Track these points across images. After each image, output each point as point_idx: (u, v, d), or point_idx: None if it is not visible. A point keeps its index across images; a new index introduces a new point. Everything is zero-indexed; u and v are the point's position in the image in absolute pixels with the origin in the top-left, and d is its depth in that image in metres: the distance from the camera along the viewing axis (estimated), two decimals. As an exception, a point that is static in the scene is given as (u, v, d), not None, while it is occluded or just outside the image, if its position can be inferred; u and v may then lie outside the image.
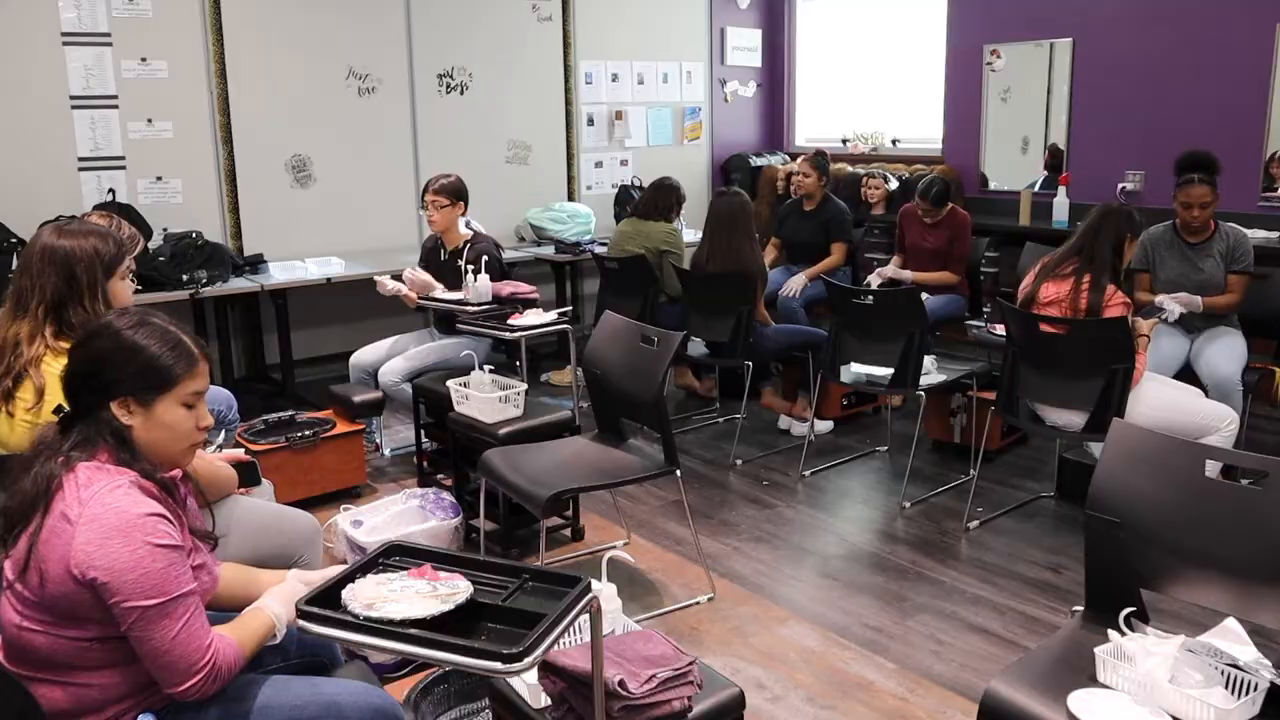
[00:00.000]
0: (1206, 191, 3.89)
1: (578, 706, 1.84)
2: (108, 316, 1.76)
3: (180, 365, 1.71)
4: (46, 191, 4.89)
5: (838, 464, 4.46)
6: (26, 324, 2.26)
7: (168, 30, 5.16)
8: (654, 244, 5.05)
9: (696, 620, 3.13)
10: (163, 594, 1.56)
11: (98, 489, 1.59)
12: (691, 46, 7.25)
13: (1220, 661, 1.77)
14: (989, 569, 3.44)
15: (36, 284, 2.28)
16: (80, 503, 1.58)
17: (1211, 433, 3.33)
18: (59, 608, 1.58)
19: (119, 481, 1.62)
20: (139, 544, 1.56)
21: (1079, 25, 5.77)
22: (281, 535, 2.46)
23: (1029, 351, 3.51)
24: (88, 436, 1.66)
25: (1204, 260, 3.98)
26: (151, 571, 1.55)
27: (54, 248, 2.30)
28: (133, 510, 1.58)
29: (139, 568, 1.55)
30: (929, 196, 4.98)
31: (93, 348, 1.70)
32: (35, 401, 2.19)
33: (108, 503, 1.58)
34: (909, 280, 5.01)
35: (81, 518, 1.56)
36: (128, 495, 1.60)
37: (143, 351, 1.69)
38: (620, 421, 3.41)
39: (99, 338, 1.71)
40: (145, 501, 1.61)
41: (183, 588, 1.59)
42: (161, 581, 1.56)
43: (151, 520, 1.59)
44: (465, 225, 4.49)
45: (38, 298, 2.27)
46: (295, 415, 4.13)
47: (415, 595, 1.64)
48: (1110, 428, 2.09)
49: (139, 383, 1.68)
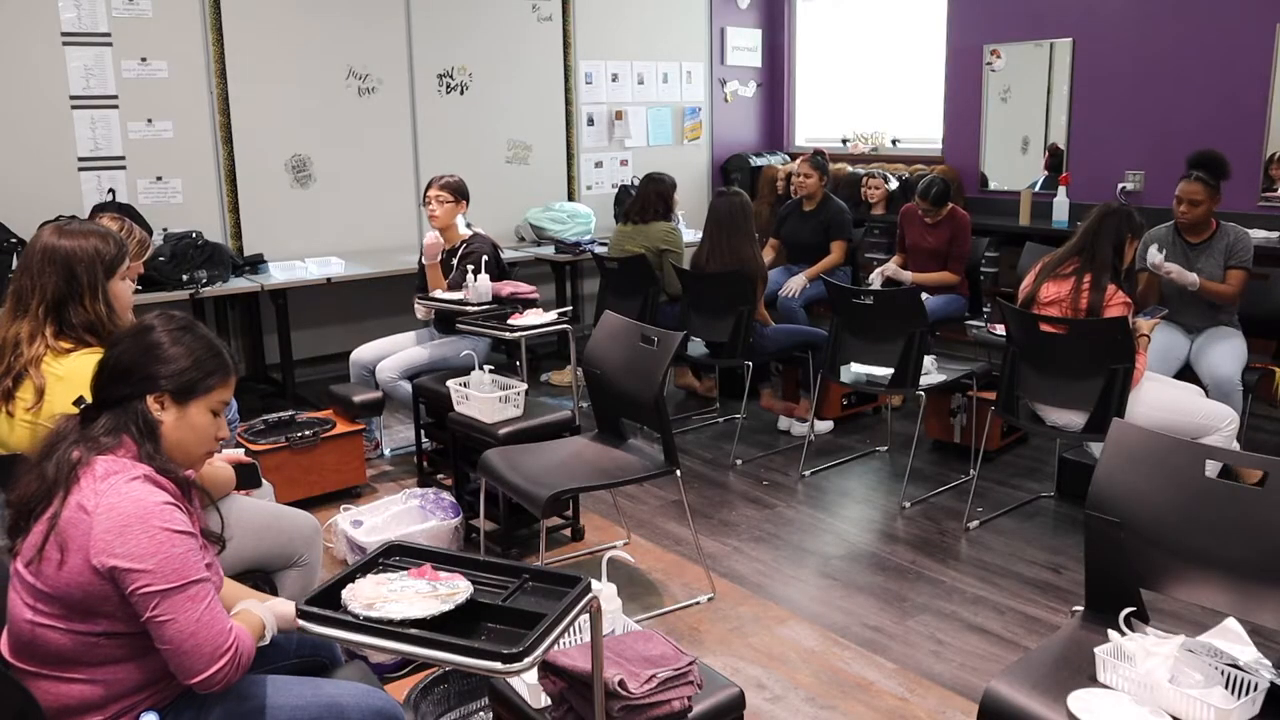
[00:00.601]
0: (1198, 189, 3.90)
1: (578, 706, 1.84)
2: (154, 316, 1.81)
3: (218, 373, 1.79)
4: (46, 191, 4.89)
5: (838, 464, 4.46)
6: (27, 323, 2.26)
7: (168, 30, 5.16)
8: (654, 243, 5.05)
9: (696, 620, 3.13)
10: (183, 576, 1.58)
11: (114, 480, 1.62)
12: (691, 46, 7.25)
13: (1220, 661, 1.77)
14: (989, 569, 3.44)
15: (37, 284, 2.27)
16: (97, 494, 1.60)
17: (1211, 432, 3.33)
18: (72, 599, 1.58)
19: (135, 473, 1.65)
20: (156, 530, 1.58)
21: (1079, 25, 5.78)
22: (281, 535, 2.46)
23: (1029, 351, 3.51)
24: (114, 427, 1.70)
25: (1204, 259, 3.98)
26: (171, 556, 1.58)
27: (55, 247, 2.29)
28: (148, 499, 1.61)
29: (159, 552, 1.57)
30: (929, 197, 4.97)
31: (142, 342, 1.76)
32: (35, 401, 2.18)
33: (123, 492, 1.60)
34: (908, 281, 5.02)
35: (99, 508, 1.59)
36: (143, 486, 1.63)
37: (191, 353, 1.76)
38: (620, 421, 3.41)
39: (150, 333, 1.77)
40: (159, 492, 1.65)
41: (201, 573, 1.62)
42: (182, 565, 1.59)
43: (167, 508, 1.62)
44: (465, 226, 4.49)
45: (38, 297, 2.27)
46: (295, 415, 4.13)
47: (415, 595, 1.64)
48: (1110, 428, 2.09)
49: (180, 381, 1.74)
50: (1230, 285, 3.95)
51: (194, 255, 4.84)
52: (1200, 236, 4.01)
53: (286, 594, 2.46)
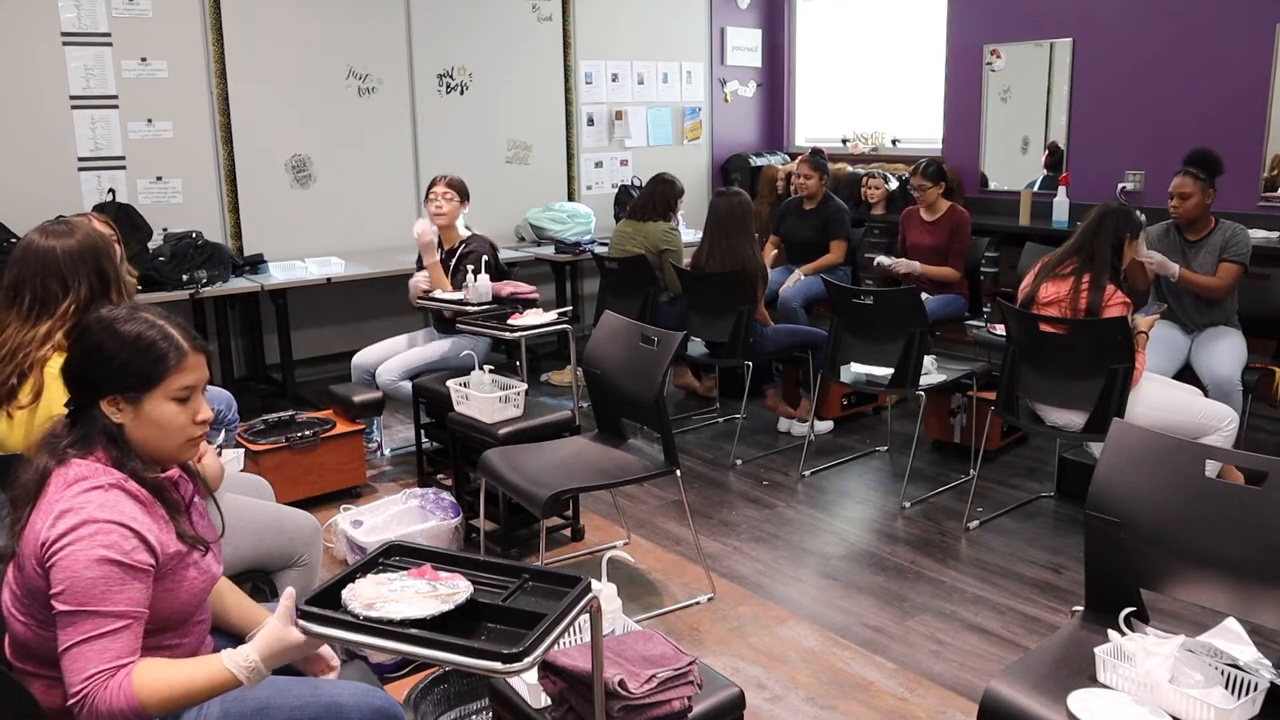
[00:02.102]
0: (1187, 182, 3.95)
1: (578, 706, 1.84)
2: (98, 312, 1.72)
3: (169, 358, 1.65)
4: (46, 191, 4.89)
5: (838, 464, 4.46)
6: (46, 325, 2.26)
7: (168, 30, 5.16)
8: (653, 244, 5.05)
9: (696, 620, 3.13)
10: (80, 604, 1.51)
11: (79, 486, 1.59)
12: (691, 46, 7.25)
13: (1220, 661, 1.77)
14: (989, 569, 3.44)
15: (70, 286, 2.29)
16: (59, 497, 1.58)
17: (1211, 432, 3.33)
18: (39, 599, 1.57)
19: (101, 482, 1.60)
20: (86, 548, 1.52)
21: (1079, 25, 5.77)
22: (281, 535, 2.46)
23: (1029, 351, 3.51)
24: (84, 435, 1.65)
25: (1202, 255, 3.99)
26: (80, 578, 1.51)
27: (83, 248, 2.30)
28: (99, 515, 1.55)
29: (73, 569, 1.51)
30: (925, 173, 4.99)
31: (82, 344, 1.68)
32: (31, 401, 2.18)
33: (78, 501, 1.56)
34: (916, 270, 4.97)
35: (54, 510, 1.56)
36: (104, 496, 1.58)
37: (125, 349, 1.64)
38: (620, 421, 3.41)
39: (88, 334, 1.68)
40: (119, 508, 1.58)
41: (105, 606, 1.51)
42: (85, 591, 1.51)
43: (113, 530, 1.54)
44: (464, 228, 4.49)
45: (73, 299, 2.27)
46: (295, 415, 4.13)
47: (415, 595, 1.64)
48: (1110, 428, 2.09)
49: (124, 381, 1.64)
50: (1220, 279, 3.94)
51: (194, 255, 4.84)
52: (1198, 234, 4.02)
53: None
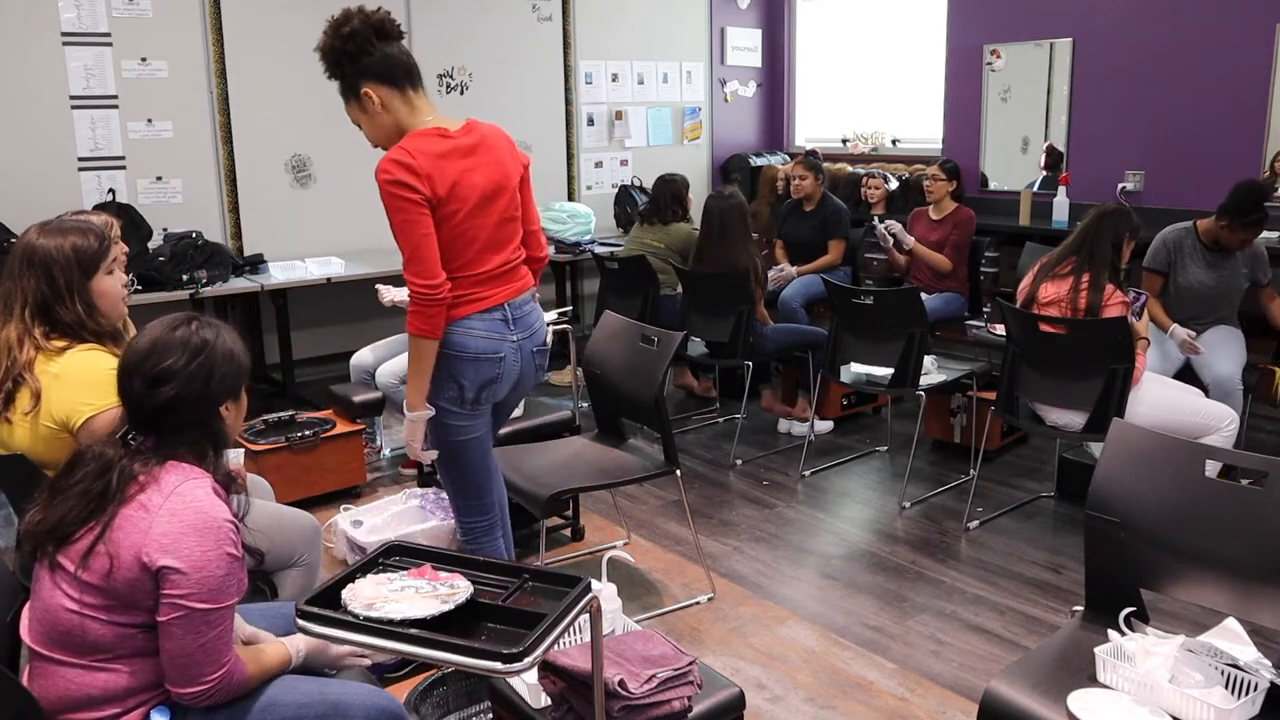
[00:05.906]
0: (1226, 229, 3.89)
1: (578, 706, 1.84)
2: (177, 334, 1.72)
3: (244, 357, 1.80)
4: (46, 191, 4.88)
5: (838, 464, 4.46)
6: (14, 327, 2.24)
7: (168, 30, 5.16)
8: (680, 244, 5.11)
9: (696, 620, 3.13)
10: (214, 601, 1.60)
11: (185, 486, 1.63)
12: (691, 46, 7.25)
13: (1220, 661, 1.77)
14: (989, 569, 3.44)
15: (18, 286, 2.25)
16: (163, 495, 1.61)
17: (1211, 433, 3.33)
18: (117, 593, 1.60)
19: (203, 482, 1.66)
20: (213, 546, 1.60)
21: (1079, 25, 5.77)
22: (281, 535, 2.46)
23: (1029, 351, 3.51)
24: (178, 445, 1.69)
25: (1226, 266, 3.98)
26: (214, 576, 1.59)
27: (34, 248, 2.26)
28: (214, 512, 1.62)
29: (205, 569, 1.58)
30: (944, 167, 5.08)
31: (205, 366, 1.70)
32: (32, 406, 2.17)
33: (189, 499, 1.62)
34: (909, 243, 5.01)
35: (163, 509, 1.60)
36: (210, 497, 1.64)
37: (228, 351, 1.75)
38: (620, 421, 3.41)
39: (202, 353, 1.70)
40: (224, 506, 1.66)
41: (231, 599, 1.63)
42: (218, 589, 1.60)
43: (229, 527, 1.64)
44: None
45: (21, 300, 2.24)
46: (295, 415, 4.13)
47: (415, 595, 1.64)
48: (1110, 428, 2.09)
49: (236, 386, 1.78)
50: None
51: (194, 255, 4.84)
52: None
53: (286, 594, 2.46)
